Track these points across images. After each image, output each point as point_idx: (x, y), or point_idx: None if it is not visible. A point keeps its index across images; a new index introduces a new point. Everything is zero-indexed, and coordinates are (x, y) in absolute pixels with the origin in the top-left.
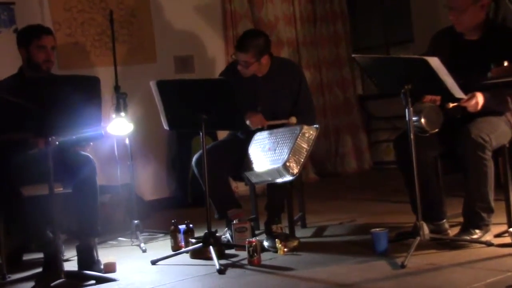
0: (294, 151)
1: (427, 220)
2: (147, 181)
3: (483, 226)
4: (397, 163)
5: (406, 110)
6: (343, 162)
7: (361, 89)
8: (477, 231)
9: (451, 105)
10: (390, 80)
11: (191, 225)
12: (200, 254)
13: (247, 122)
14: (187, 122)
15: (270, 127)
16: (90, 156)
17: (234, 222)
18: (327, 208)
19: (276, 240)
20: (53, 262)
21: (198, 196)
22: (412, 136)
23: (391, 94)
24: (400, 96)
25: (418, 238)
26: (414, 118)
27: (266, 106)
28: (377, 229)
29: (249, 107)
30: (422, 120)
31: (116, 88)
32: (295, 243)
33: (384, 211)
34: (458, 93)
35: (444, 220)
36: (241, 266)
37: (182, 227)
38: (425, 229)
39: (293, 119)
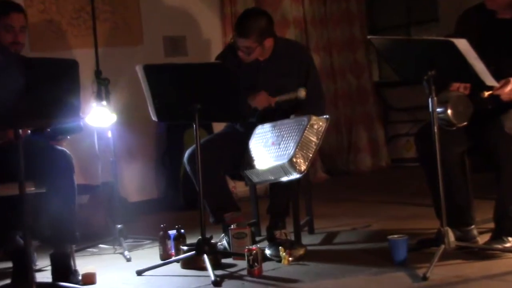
0: (301, 145)
1: (453, 225)
2: (132, 180)
3: None
4: (419, 160)
5: (430, 99)
6: (356, 159)
7: (377, 75)
8: (510, 238)
9: (486, 93)
10: (411, 65)
11: (182, 231)
12: (192, 263)
13: (252, 104)
14: (179, 112)
15: (278, 109)
16: (67, 151)
17: (232, 227)
18: (338, 211)
19: (280, 248)
20: (23, 273)
21: (190, 198)
22: (436, 130)
23: (412, 81)
24: (423, 83)
25: (443, 247)
26: (439, 109)
27: (268, 91)
28: (396, 236)
29: (249, 94)
30: (449, 112)
31: (97, 73)
32: (301, 251)
33: (403, 215)
34: (489, 79)
35: (473, 226)
36: (240, 278)
37: (172, 232)
38: (451, 236)
39: (303, 92)
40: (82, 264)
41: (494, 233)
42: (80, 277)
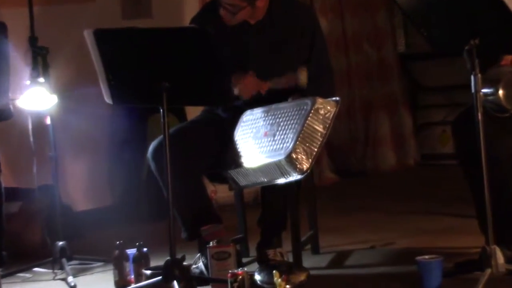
0: (303, 136)
1: (502, 243)
2: (78, 182)
3: None
4: (458, 156)
5: (472, 77)
6: (375, 155)
7: (403, 45)
8: None
9: None
10: (447, 32)
11: (144, 249)
12: None
13: (235, 91)
14: (140, 93)
15: (271, 95)
16: None
17: (211, 244)
18: (351, 224)
19: (274, 272)
20: None
21: (156, 206)
22: (480, 117)
23: (449, 52)
24: (463, 55)
25: (489, 271)
26: (486, 90)
27: (261, 69)
28: (427, 257)
29: (235, 69)
30: (500, 93)
31: (32, 40)
32: (302, 277)
33: (437, 228)
34: None
35: None
36: None
37: (131, 252)
38: (499, 257)
39: (303, 73)
40: None
41: None
42: None
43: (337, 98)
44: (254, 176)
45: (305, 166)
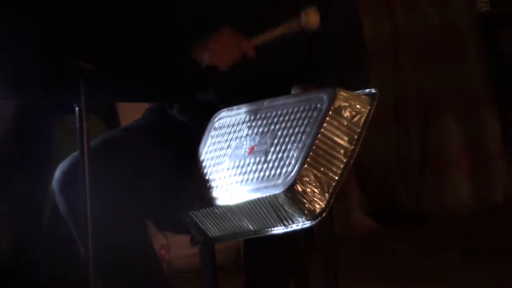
0: (315, 155)
1: None
2: None
3: None
4: None
5: None
6: (439, 186)
7: (486, 1)
8: None
9: None
10: None
11: None
12: None
13: (204, 59)
14: (42, 80)
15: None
16: None
17: None
18: None
19: None
20: None
21: (64, 270)
22: None
23: None
24: None
25: None
26: None
27: (244, 28)
28: None
29: (200, 34)
30: None
31: None
32: None
33: None
34: None
35: None
36: None
37: None
38: None
39: (312, 16)
40: None
41: None
42: None
43: (373, 91)
44: (232, 221)
45: (319, 205)
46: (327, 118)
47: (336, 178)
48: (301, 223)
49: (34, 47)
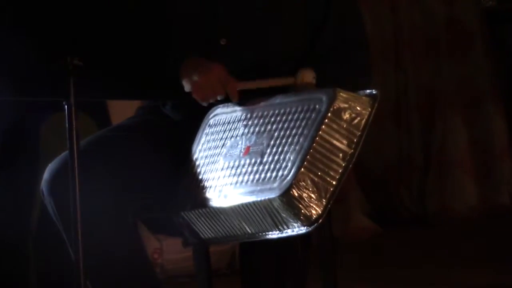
0: (312, 158)
1: None
2: None
3: None
4: None
5: None
6: (443, 188)
7: None
8: None
9: None
10: None
11: None
12: None
13: (186, 87)
14: (31, 77)
15: (247, 95)
16: None
17: None
18: None
19: None
20: None
21: (53, 271)
22: None
23: None
24: None
25: None
26: None
27: (239, 39)
28: None
29: (195, 42)
30: None
31: None
32: None
33: None
34: None
35: None
36: None
37: None
38: None
39: (308, 75)
40: None
41: None
42: None
43: (374, 92)
44: (226, 224)
45: (315, 211)
46: (326, 120)
47: (334, 183)
48: (296, 229)
49: (23, 44)
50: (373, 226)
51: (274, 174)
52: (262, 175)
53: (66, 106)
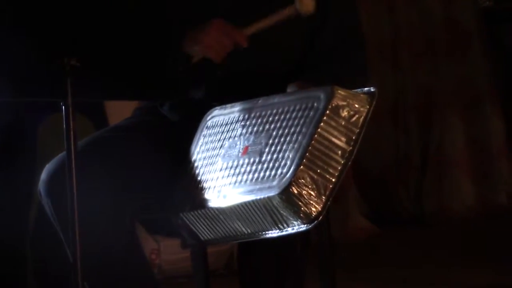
0: (311, 156)
1: None
2: None
3: None
4: None
5: None
6: (441, 188)
7: None
8: None
9: None
10: None
11: None
12: None
13: (195, 52)
14: (28, 78)
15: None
16: None
17: None
18: None
19: None
20: None
21: (51, 272)
22: None
23: None
24: None
25: None
26: None
27: (235, 18)
28: None
29: (189, 29)
30: None
31: None
32: None
33: None
34: None
35: None
36: None
37: None
38: None
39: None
40: None
41: None
42: None
43: (372, 89)
44: (225, 224)
45: (315, 208)
46: (324, 118)
47: (333, 180)
48: (296, 227)
49: (20, 44)
50: (371, 226)
51: (273, 172)
52: (261, 174)
53: (63, 107)
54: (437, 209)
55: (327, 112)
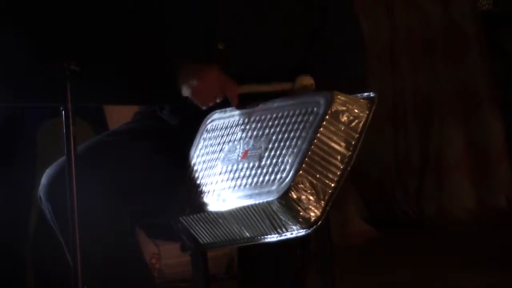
0: (311, 161)
1: None
2: None
3: None
4: None
5: None
6: (440, 192)
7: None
8: None
9: None
10: None
11: None
12: None
13: (185, 91)
14: (27, 83)
15: (246, 100)
16: None
17: None
18: None
19: None
20: None
21: (51, 276)
22: None
23: None
24: None
25: None
26: None
27: (237, 44)
28: None
29: (193, 47)
30: None
31: None
32: None
33: None
34: None
35: None
36: None
37: None
38: None
39: (307, 80)
40: None
41: None
42: None
43: (372, 94)
44: (224, 228)
45: (314, 213)
46: (324, 123)
47: (333, 185)
48: (295, 231)
49: (19, 49)
50: (370, 229)
51: (272, 177)
52: (260, 178)
53: (63, 112)
54: (436, 212)
55: (327, 117)
